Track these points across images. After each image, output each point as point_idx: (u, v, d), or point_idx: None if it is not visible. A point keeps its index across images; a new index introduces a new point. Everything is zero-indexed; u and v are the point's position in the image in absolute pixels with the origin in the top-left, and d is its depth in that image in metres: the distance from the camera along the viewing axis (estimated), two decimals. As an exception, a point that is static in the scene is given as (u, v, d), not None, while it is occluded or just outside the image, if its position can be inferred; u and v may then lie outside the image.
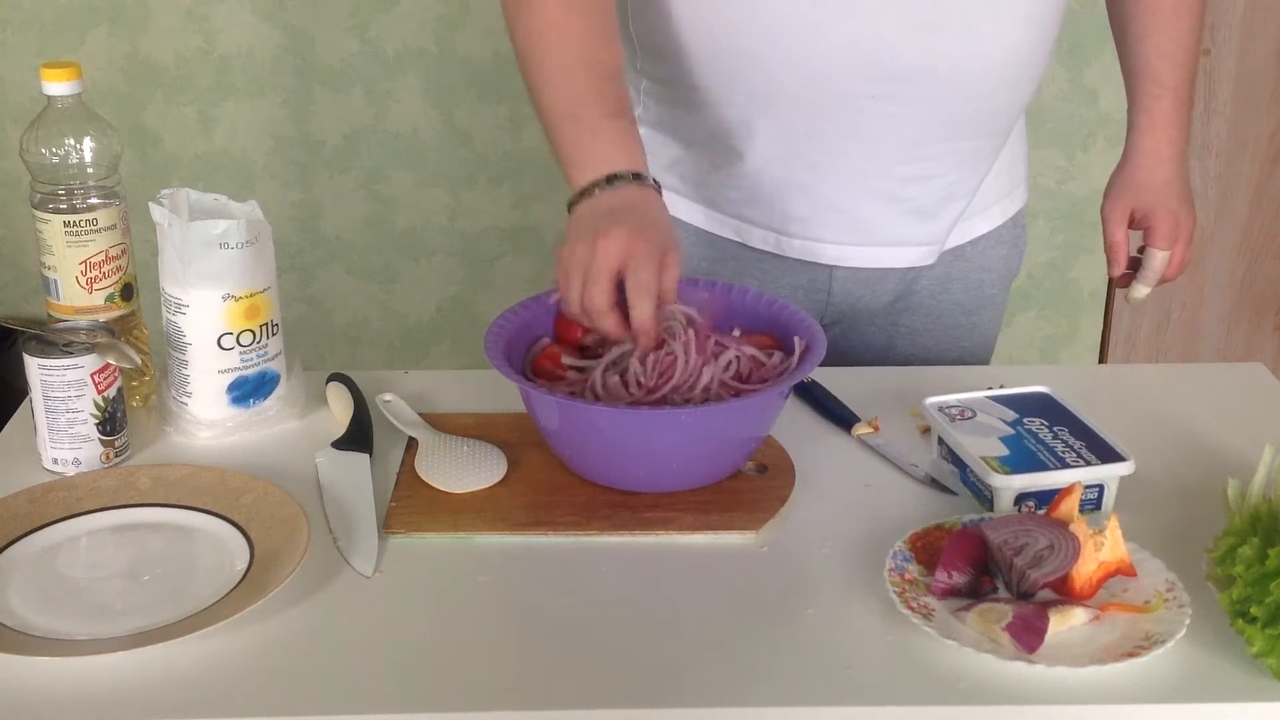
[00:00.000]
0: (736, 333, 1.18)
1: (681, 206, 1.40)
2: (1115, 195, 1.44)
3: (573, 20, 1.21)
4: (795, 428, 1.21)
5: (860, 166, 1.32)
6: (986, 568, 0.99)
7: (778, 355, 1.16)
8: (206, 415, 1.20)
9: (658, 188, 1.17)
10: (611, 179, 1.14)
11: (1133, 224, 1.43)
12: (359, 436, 1.19)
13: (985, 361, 1.55)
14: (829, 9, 1.23)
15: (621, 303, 1.09)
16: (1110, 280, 1.48)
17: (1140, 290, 1.44)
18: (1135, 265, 1.44)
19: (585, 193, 1.14)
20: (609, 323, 1.09)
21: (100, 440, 1.15)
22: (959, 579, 0.97)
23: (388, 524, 1.08)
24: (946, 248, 1.43)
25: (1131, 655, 0.90)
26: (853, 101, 1.27)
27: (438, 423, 1.22)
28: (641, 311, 1.08)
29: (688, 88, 1.33)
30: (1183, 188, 1.44)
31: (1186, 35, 1.41)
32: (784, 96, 1.28)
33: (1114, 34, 1.46)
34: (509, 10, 1.24)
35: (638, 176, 1.15)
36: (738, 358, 1.14)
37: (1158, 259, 1.42)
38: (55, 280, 1.21)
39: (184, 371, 1.20)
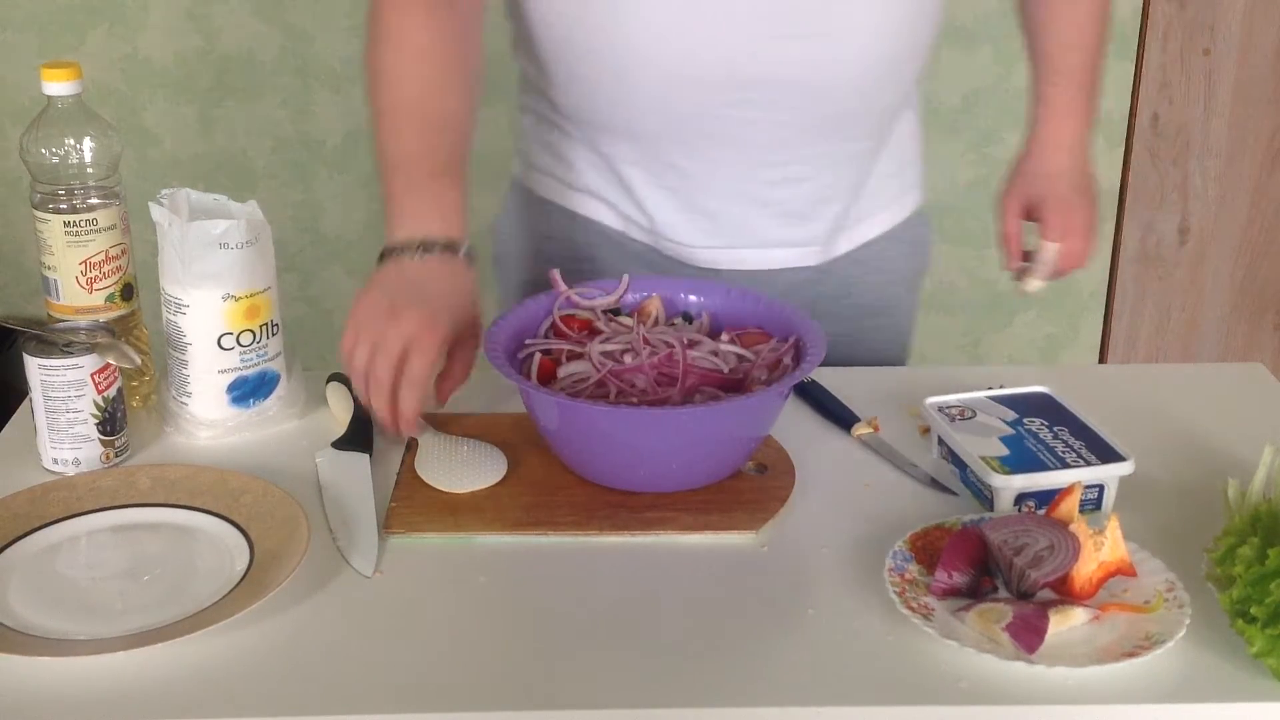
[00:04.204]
0: (725, 337, 1.18)
1: (590, 205, 1.40)
2: (1009, 186, 1.42)
3: (412, 67, 1.22)
4: (795, 428, 1.21)
5: (727, 171, 1.32)
6: (986, 568, 0.99)
7: (773, 341, 1.17)
8: (206, 415, 1.20)
9: (470, 257, 1.18)
10: (426, 245, 1.15)
11: (1027, 215, 1.41)
12: (359, 436, 1.19)
13: (900, 362, 1.52)
14: (684, 17, 1.22)
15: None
16: (1010, 273, 1.43)
17: (1032, 284, 1.40)
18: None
19: (397, 251, 1.16)
20: (382, 401, 1.10)
21: (100, 440, 1.15)
22: (959, 579, 0.97)
23: (388, 524, 1.08)
24: (838, 253, 1.41)
25: (1131, 655, 0.90)
26: (712, 109, 1.27)
27: (438, 423, 1.22)
28: (406, 403, 1.10)
29: (559, 93, 1.33)
30: (1080, 178, 1.41)
31: (1086, 22, 1.40)
32: (645, 104, 1.28)
33: (1020, 25, 1.45)
34: (364, 58, 1.25)
35: (451, 245, 1.16)
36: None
37: (1048, 251, 1.38)
38: (55, 280, 1.21)
39: (184, 371, 1.20)
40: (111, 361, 1.14)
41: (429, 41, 1.22)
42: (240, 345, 1.19)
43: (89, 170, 1.19)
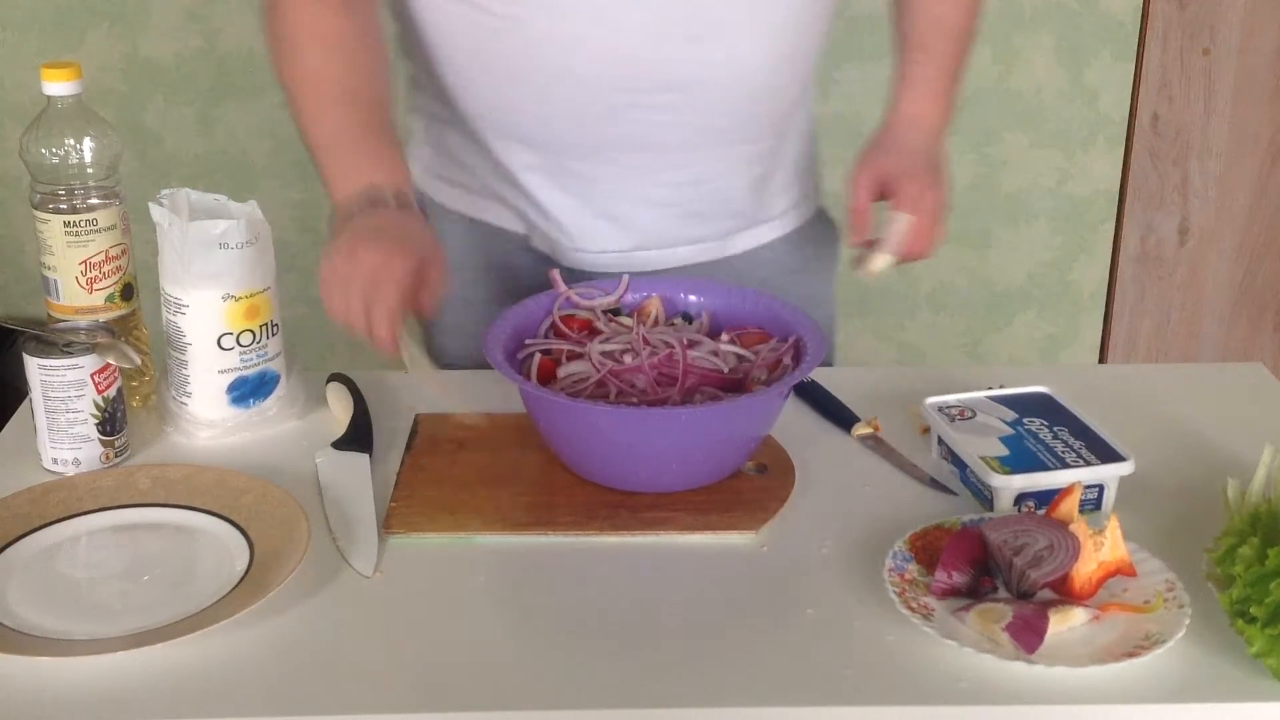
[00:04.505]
0: (725, 337, 1.18)
1: (494, 211, 1.40)
2: (863, 160, 1.33)
3: (332, 61, 1.22)
4: (795, 428, 1.21)
5: (629, 175, 1.32)
6: (986, 568, 0.99)
7: (773, 341, 1.17)
8: (206, 415, 1.20)
9: (422, 209, 1.17)
10: (373, 199, 1.14)
11: (880, 194, 1.32)
12: (359, 436, 1.19)
13: (828, 362, 1.48)
14: (584, 21, 1.22)
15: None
16: (854, 256, 1.34)
17: (879, 259, 1.29)
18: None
19: (344, 210, 1.15)
20: (362, 333, 1.10)
21: (100, 440, 1.15)
22: (959, 579, 0.97)
23: (388, 524, 1.08)
24: (742, 248, 1.41)
25: (1131, 655, 0.90)
26: (613, 112, 1.26)
27: (438, 423, 1.22)
28: (377, 326, 1.09)
29: (453, 97, 1.32)
30: (936, 161, 1.35)
31: (957, 9, 1.38)
32: (546, 110, 1.27)
33: (891, 10, 1.41)
34: (272, 55, 1.25)
35: (400, 196, 1.15)
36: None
37: (901, 222, 1.28)
38: (55, 280, 1.21)
39: (184, 371, 1.20)
40: (111, 361, 1.14)
41: (337, 34, 1.22)
42: (240, 345, 1.19)
43: (89, 170, 1.19)
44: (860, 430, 1.22)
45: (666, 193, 1.34)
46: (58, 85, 1.17)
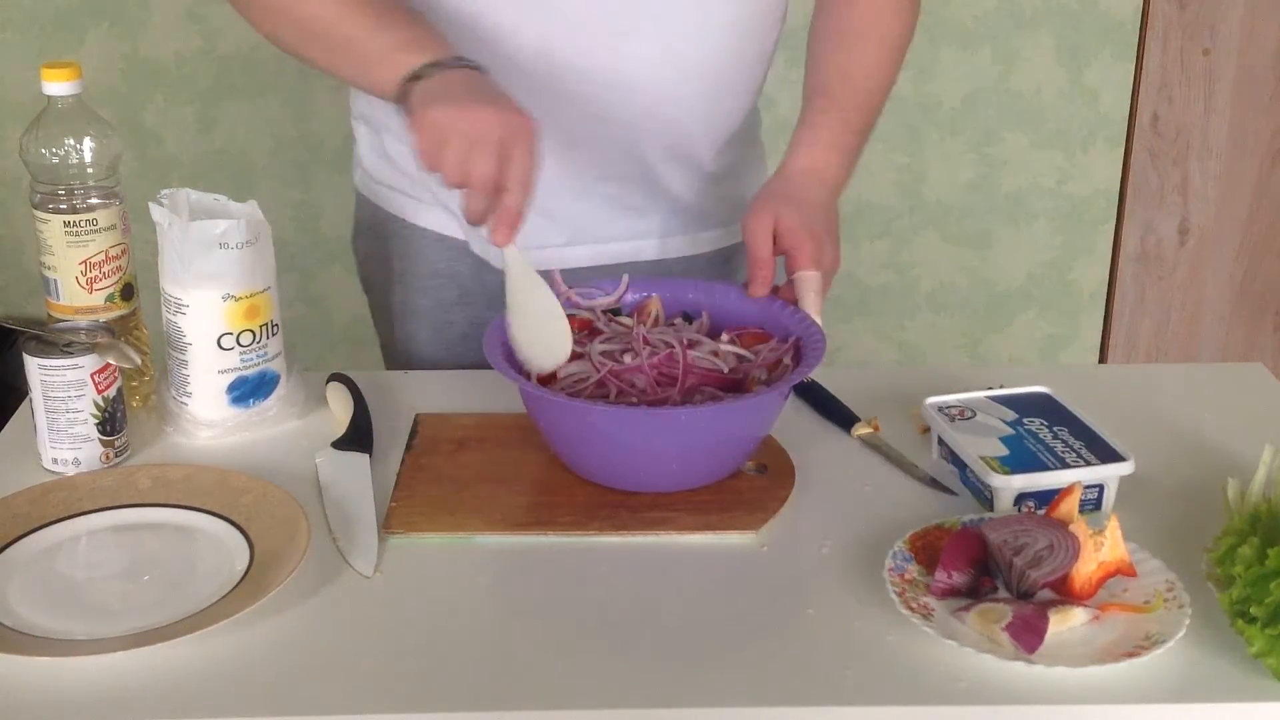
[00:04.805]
0: (725, 337, 1.18)
1: (444, 220, 1.39)
2: (761, 207, 1.24)
3: None
4: (795, 428, 1.21)
5: (574, 169, 1.31)
6: (986, 568, 0.99)
7: (773, 341, 1.18)
8: (206, 415, 1.20)
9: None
10: (438, 64, 1.08)
11: (775, 244, 1.23)
12: (359, 436, 1.19)
13: None
14: (524, 12, 1.21)
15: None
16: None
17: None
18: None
19: (416, 76, 1.08)
20: (483, 200, 1.05)
21: (100, 440, 1.15)
22: (959, 579, 0.97)
23: (388, 524, 1.08)
24: (676, 255, 1.40)
25: (1131, 655, 0.90)
26: (557, 105, 1.25)
27: (438, 423, 1.22)
28: (517, 199, 1.04)
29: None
30: (834, 222, 1.27)
31: (874, 67, 1.33)
32: None
33: (806, 61, 1.36)
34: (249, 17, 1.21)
35: (469, 63, 1.10)
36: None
37: (811, 280, 1.20)
38: (55, 280, 1.21)
39: (184, 371, 1.20)
40: (111, 361, 1.14)
41: None
42: (240, 345, 1.19)
43: (89, 170, 1.19)
44: (860, 430, 1.22)
45: (603, 186, 1.33)
46: (58, 85, 1.17)
